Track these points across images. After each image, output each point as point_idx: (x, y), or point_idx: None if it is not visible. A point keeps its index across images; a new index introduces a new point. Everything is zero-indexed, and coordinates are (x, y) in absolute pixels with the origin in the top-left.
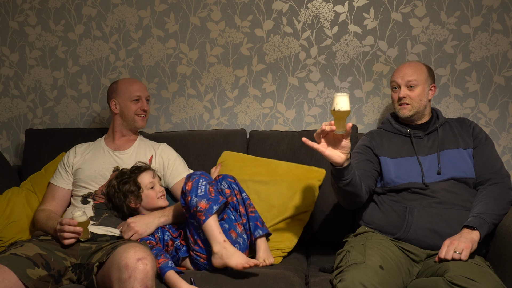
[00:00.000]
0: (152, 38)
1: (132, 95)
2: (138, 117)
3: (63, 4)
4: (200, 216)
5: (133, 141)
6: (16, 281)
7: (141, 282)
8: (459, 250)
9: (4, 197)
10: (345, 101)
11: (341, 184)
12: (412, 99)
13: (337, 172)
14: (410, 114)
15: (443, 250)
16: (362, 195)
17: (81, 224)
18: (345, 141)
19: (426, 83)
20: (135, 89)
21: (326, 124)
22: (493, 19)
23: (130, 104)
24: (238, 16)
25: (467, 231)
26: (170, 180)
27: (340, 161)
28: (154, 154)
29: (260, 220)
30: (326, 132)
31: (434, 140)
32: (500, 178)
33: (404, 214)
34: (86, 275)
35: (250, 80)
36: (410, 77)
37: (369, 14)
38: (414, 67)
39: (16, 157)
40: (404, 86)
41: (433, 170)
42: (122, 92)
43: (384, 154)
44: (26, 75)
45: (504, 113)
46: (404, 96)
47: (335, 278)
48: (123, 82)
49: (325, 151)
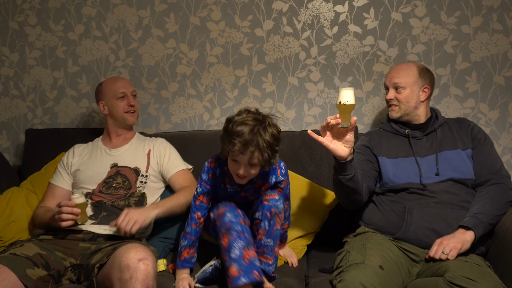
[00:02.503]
0: (152, 38)
1: (116, 92)
2: (127, 114)
3: (63, 4)
4: (228, 281)
5: (130, 138)
6: (16, 281)
7: (142, 282)
8: (447, 250)
9: (4, 197)
10: (351, 95)
11: (343, 179)
12: (399, 101)
13: (340, 166)
14: (398, 116)
15: (433, 249)
16: (362, 193)
17: (79, 206)
18: (349, 135)
19: (416, 85)
20: (119, 86)
21: (332, 117)
22: (493, 19)
23: (116, 102)
24: (238, 16)
25: (461, 231)
26: (166, 173)
27: (344, 155)
28: (152, 148)
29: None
30: (331, 125)
31: (432, 141)
32: (500, 178)
33: (403, 214)
34: (86, 275)
35: (250, 80)
36: (396, 80)
37: (369, 14)
38: (403, 69)
39: (16, 157)
40: (392, 88)
41: (431, 171)
42: (107, 92)
43: (382, 154)
44: (26, 75)
45: (504, 113)
46: (391, 98)
47: (335, 279)
48: (106, 82)
49: (329, 145)
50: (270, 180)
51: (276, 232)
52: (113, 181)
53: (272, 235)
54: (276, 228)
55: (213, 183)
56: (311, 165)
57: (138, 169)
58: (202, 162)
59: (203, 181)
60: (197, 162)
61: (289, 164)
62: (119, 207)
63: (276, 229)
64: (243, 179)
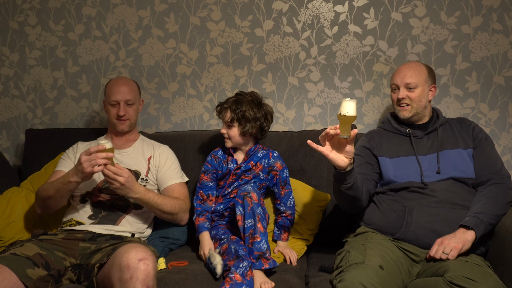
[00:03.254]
0: (152, 38)
1: (110, 99)
2: (117, 121)
3: (63, 4)
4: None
5: (133, 141)
6: (16, 281)
7: (142, 282)
8: (447, 250)
9: (4, 197)
10: (352, 107)
11: (343, 187)
12: (412, 100)
13: (340, 176)
14: (410, 115)
15: (434, 249)
16: (362, 199)
17: (109, 151)
18: (349, 146)
19: (426, 84)
20: (114, 93)
21: (331, 127)
22: (493, 19)
23: (109, 107)
24: (238, 16)
25: (462, 230)
26: (161, 183)
27: (343, 165)
28: (153, 154)
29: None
30: (330, 135)
31: (433, 140)
32: (501, 178)
33: (403, 214)
34: (86, 275)
35: (250, 80)
36: (409, 79)
37: (369, 14)
38: (414, 68)
39: (16, 157)
40: (404, 87)
41: (432, 170)
42: (106, 94)
43: (383, 154)
44: (26, 75)
45: (504, 113)
46: (404, 97)
47: (335, 278)
48: (109, 84)
49: (329, 154)
50: (262, 162)
51: (253, 210)
52: None
53: (250, 215)
54: (251, 206)
55: (215, 163)
56: (310, 165)
57: (138, 172)
58: (202, 162)
59: (206, 162)
60: (197, 162)
61: (288, 164)
62: (119, 206)
63: (251, 207)
64: (228, 142)
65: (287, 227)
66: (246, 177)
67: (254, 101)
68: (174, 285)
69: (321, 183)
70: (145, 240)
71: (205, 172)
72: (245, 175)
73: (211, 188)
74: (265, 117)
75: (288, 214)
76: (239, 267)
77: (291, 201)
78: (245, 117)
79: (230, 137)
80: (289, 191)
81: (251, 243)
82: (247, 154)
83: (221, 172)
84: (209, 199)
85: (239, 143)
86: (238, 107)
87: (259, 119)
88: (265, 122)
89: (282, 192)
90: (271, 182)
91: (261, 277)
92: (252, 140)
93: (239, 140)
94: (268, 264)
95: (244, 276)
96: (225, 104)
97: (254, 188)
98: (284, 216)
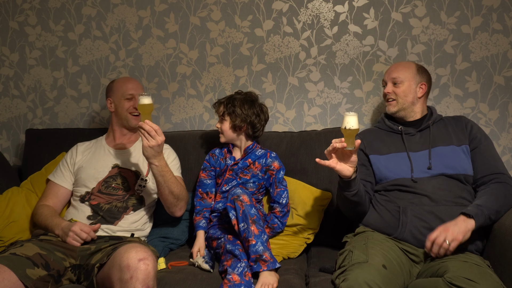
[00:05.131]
0: (152, 38)
1: (125, 93)
2: (130, 116)
3: (63, 4)
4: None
5: (134, 141)
6: (16, 281)
7: (142, 282)
8: (449, 239)
9: (4, 197)
10: (355, 120)
11: (348, 194)
12: (397, 95)
13: (345, 184)
14: (395, 110)
15: (435, 233)
16: (366, 204)
17: (144, 107)
18: (354, 156)
19: (413, 80)
20: (129, 88)
21: (337, 141)
22: (493, 19)
23: (123, 102)
24: (238, 16)
25: (463, 218)
26: None
27: (349, 174)
28: None
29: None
30: (336, 149)
31: (426, 137)
32: (504, 178)
33: (397, 214)
34: (86, 275)
35: (250, 80)
36: (395, 74)
37: (369, 14)
38: (402, 65)
39: (16, 157)
40: (390, 82)
41: (423, 166)
42: (117, 90)
43: (374, 152)
44: (26, 75)
45: (504, 113)
46: (389, 92)
47: (338, 278)
48: (119, 81)
49: (336, 166)
50: (260, 161)
51: (245, 213)
52: (112, 181)
53: (242, 219)
54: (242, 210)
55: (212, 161)
56: (311, 165)
57: (138, 172)
58: (202, 162)
59: (204, 160)
60: (197, 162)
61: (289, 164)
62: (117, 208)
63: (242, 211)
64: (221, 137)
65: (273, 227)
66: (245, 176)
67: (247, 98)
68: (174, 285)
69: (322, 183)
70: (145, 240)
71: (203, 170)
72: (242, 173)
73: (209, 185)
74: (257, 115)
75: (277, 211)
76: (237, 267)
77: (283, 199)
78: (235, 112)
79: (222, 132)
80: (281, 190)
81: (247, 246)
82: (245, 151)
83: (219, 169)
84: (208, 196)
85: (232, 138)
86: (231, 102)
87: (249, 115)
88: (257, 119)
89: (275, 192)
90: (268, 181)
91: (266, 277)
92: (245, 137)
93: (231, 135)
94: (266, 266)
95: (242, 277)
96: (221, 100)
97: (244, 191)
98: (273, 213)
